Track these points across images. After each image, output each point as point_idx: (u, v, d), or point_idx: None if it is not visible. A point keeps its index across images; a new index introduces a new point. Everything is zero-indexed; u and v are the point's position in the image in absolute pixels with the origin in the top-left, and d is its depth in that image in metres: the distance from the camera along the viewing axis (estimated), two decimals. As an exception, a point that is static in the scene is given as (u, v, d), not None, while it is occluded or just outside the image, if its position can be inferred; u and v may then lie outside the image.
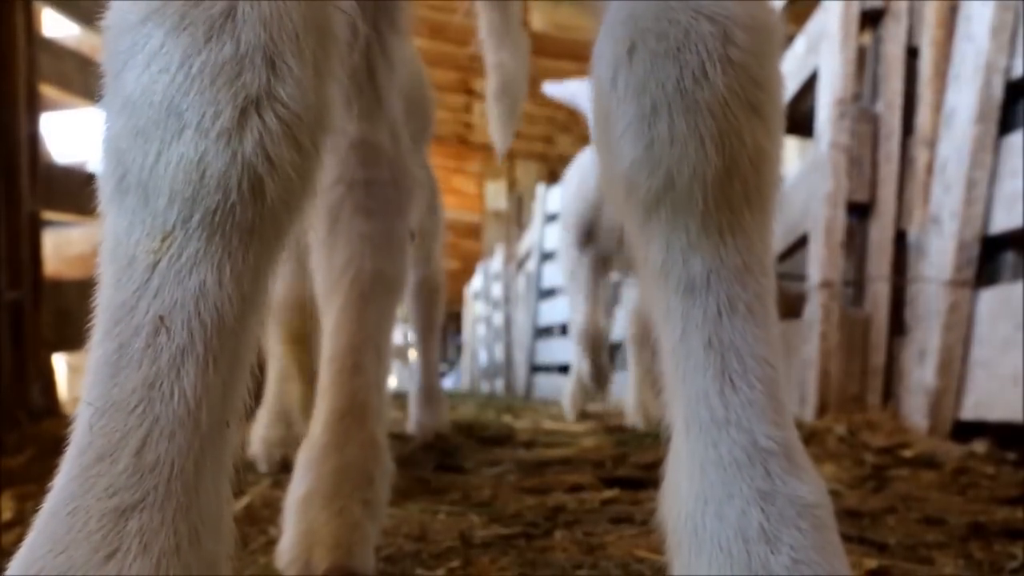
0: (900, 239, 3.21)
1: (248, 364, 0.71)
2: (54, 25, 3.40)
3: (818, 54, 3.47)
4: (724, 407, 0.75)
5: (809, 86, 3.59)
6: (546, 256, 9.19)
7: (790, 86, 3.76)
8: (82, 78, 3.24)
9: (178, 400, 0.64)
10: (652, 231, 0.79)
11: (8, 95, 2.73)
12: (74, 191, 3.09)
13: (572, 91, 3.95)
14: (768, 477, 0.73)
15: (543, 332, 9.38)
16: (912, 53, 3.24)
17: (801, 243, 3.54)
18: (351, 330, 1.33)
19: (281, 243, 0.72)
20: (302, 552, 1.24)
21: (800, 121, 3.76)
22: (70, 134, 3.88)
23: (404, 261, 1.40)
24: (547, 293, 9.23)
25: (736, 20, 0.77)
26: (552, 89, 4.03)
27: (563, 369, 8.31)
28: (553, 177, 11.02)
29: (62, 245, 3.85)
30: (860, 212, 3.30)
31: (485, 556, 1.44)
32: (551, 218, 9.04)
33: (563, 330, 8.65)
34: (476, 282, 13.88)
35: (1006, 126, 2.75)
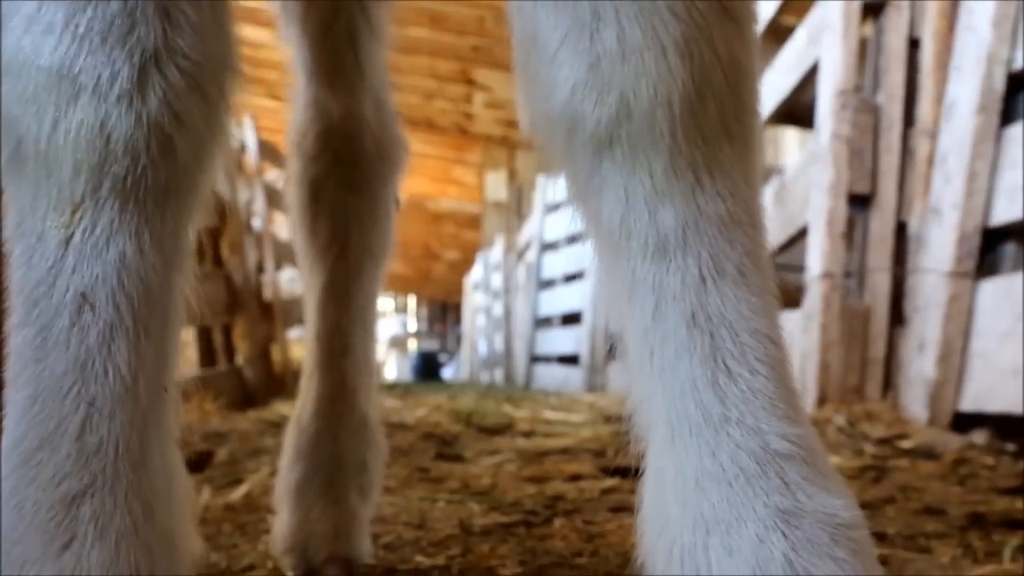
0: (900, 230, 3.21)
1: (179, 324, 0.67)
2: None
3: (819, 45, 3.46)
4: (720, 401, 0.59)
5: (810, 77, 3.59)
6: (546, 246, 9.19)
7: (791, 77, 3.76)
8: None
9: (113, 377, 0.60)
10: (605, 178, 0.62)
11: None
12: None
13: None
14: (788, 490, 0.57)
15: (543, 322, 9.39)
16: (914, 44, 3.24)
17: (801, 234, 3.54)
18: (338, 308, 1.30)
19: (198, 197, 0.67)
20: (299, 541, 1.23)
21: (801, 112, 3.76)
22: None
23: (390, 233, 1.37)
24: (547, 283, 9.23)
25: None
26: None
27: (563, 359, 8.33)
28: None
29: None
30: (861, 203, 3.30)
31: (485, 544, 1.44)
32: (551, 208, 9.04)
33: (563, 320, 8.67)
34: (476, 272, 13.90)
35: (1007, 117, 2.74)
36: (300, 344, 6.50)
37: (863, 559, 0.57)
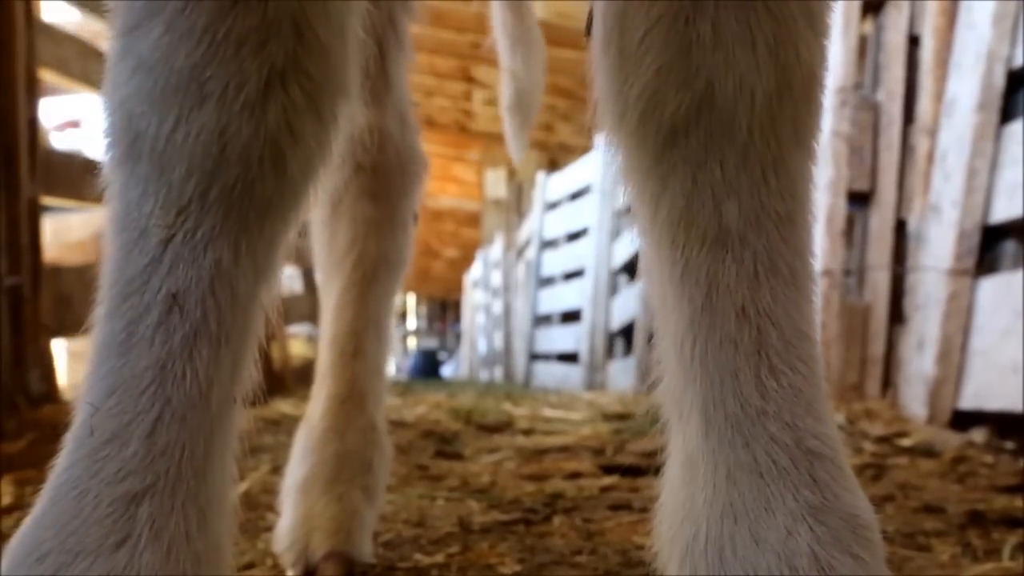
0: (900, 228, 3.21)
1: (257, 336, 0.68)
2: (54, 10, 3.39)
3: (819, 42, 3.45)
4: (760, 394, 0.60)
5: (810, 74, 3.58)
6: (546, 244, 9.19)
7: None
8: (82, 63, 3.23)
9: (190, 381, 0.61)
10: (674, 165, 0.63)
11: (7, 80, 2.72)
12: (73, 177, 3.09)
13: None
14: (816, 487, 0.58)
15: (542, 320, 9.38)
16: (913, 41, 3.24)
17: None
18: (353, 313, 1.32)
19: (298, 212, 0.68)
20: (301, 537, 1.24)
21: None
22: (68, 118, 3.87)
23: (407, 244, 1.40)
24: (546, 281, 9.23)
25: None
26: None
27: (562, 357, 8.33)
28: (553, 165, 11.01)
29: (61, 231, 3.85)
30: (860, 201, 3.30)
31: (484, 542, 1.44)
32: (551, 206, 9.04)
33: (562, 318, 8.66)
34: (475, 270, 13.89)
35: (1007, 115, 2.74)
36: (299, 341, 6.50)
37: (878, 560, 0.59)
